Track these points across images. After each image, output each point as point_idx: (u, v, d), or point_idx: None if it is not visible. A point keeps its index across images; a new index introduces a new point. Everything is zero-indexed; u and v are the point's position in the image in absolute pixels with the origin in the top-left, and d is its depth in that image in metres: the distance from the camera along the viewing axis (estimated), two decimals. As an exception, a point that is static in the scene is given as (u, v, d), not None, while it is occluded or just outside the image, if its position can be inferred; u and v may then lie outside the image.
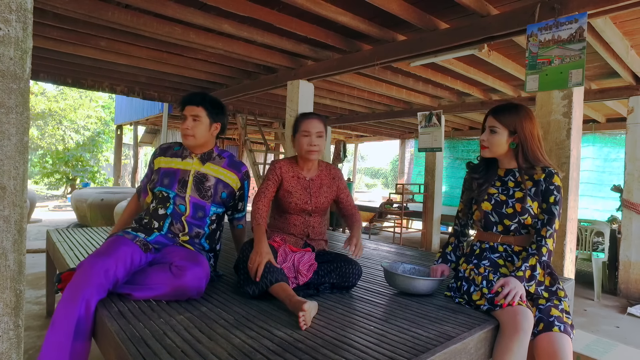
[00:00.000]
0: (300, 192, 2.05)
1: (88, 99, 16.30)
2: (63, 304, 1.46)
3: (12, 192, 0.80)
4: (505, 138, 1.78)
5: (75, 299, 1.46)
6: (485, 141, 1.82)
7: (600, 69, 4.17)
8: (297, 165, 2.10)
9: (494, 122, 1.80)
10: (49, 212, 10.26)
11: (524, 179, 1.79)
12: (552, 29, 2.36)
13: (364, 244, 3.33)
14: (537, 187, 1.77)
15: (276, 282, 1.70)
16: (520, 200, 1.76)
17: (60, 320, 1.43)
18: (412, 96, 5.66)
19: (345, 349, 1.30)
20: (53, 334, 1.42)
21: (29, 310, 3.18)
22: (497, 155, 1.85)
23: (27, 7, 0.78)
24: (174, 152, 2.02)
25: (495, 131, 1.79)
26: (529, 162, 1.78)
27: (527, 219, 1.75)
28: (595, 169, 6.90)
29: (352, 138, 11.88)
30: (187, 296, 1.69)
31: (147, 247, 1.79)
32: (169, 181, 1.93)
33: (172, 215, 1.90)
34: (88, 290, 1.49)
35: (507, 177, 1.84)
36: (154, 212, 1.92)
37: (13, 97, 0.79)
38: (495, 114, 1.81)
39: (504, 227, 1.80)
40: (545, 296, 1.69)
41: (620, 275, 4.46)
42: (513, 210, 1.76)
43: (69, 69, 4.94)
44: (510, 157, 1.83)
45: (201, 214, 1.95)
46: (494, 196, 1.82)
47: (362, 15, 3.11)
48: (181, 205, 1.90)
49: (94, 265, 1.55)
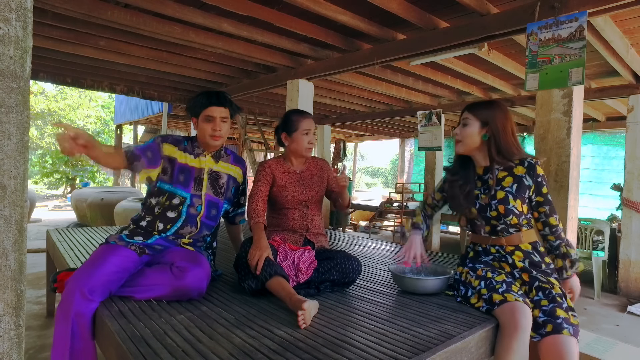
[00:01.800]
0: (294, 184, 2.12)
1: (88, 99, 16.31)
2: (58, 324, 1.51)
3: (13, 192, 0.79)
4: (477, 129, 1.77)
5: (66, 318, 1.50)
6: (459, 135, 1.82)
7: (600, 68, 4.16)
8: (285, 162, 2.18)
9: (466, 115, 1.81)
10: (48, 211, 10.26)
11: (495, 175, 1.77)
12: (552, 27, 2.35)
13: (364, 243, 3.34)
14: (519, 183, 1.75)
15: (275, 274, 1.70)
16: (502, 201, 1.74)
17: (59, 340, 1.50)
18: (412, 95, 5.66)
19: (346, 348, 1.30)
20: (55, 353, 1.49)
21: (30, 309, 3.18)
22: (470, 150, 1.82)
23: (27, 6, 0.78)
24: (184, 148, 1.93)
25: (467, 123, 1.79)
26: (503, 155, 1.75)
27: (513, 219, 1.74)
28: (595, 167, 6.90)
29: (352, 137, 11.87)
30: (188, 297, 1.69)
31: (143, 251, 1.76)
32: (184, 178, 1.88)
33: (187, 218, 1.86)
34: (73, 308, 1.50)
35: (486, 176, 1.82)
36: (161, 214, 1.84)
37: (13, 96, 0.78)
38: (469, 108, 1.83)
39: (492, 229, 1.80)
40: (542, 279, 1.68)
41: (620, 273, 4.46)
42: (497, 212, 1.75)
43: (69, 69, 4.93)
44: (484, 153, 1.81)
45: (214, 211, 1.96)
46: (477, 200, 1.81)
47: (362, 14, 3.10)
48: (199, 206, 1.89)
49: (83, 283, 1.53)
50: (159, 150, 1.86)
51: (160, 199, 1.86)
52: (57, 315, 1.51)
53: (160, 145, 1.88)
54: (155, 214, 1.85)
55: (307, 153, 2.13)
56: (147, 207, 1.89)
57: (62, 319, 1.50)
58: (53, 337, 1.51)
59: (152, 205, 1.87)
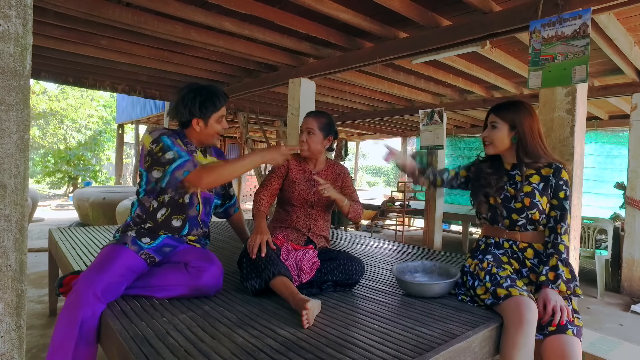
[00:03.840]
0: (304, 183, 2.15)
1: (89, 98, 16.34)
2: (60, 327, 1.45)
3: (13, 191, 0.79)
4: (506, 132, 1.79)
5: (72, 322, 1.45)
6: (487, 137, 1.84)
7: (604, 66, 4.14)
8: (304, 161, 2.22)
9: (494, 118, 1.83)
10: (51, 211, 10.27)
11: (523, 172, 1.79)
12: (556, 25, 2.34)
13: (366, 242, 3.33)
14: (545, 182, 1.77)
15: (279, 274, 1.69)
16: (529, 194, 1.75)
17: (60, 343, 1.44)
18: (414, 94, 5.65)
19: (349, 347, 1.30)
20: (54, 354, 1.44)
21: (32, 309, 3.18)
22: (500, 151, 1.85)
23: (27, 3, 0.77)
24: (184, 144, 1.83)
25: (496, 126, 1.81)
26: (530, 157, 1.77)
27: (535, 214, 1.75)
28: (598, 166, 6.88)
29: (354, 136, 11.86)
30: (205, 294, 1.73)
31: (153, 260, 1.73)
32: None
33: (191, 224, 1.83)
34: (83, 311, 1.46)
35: (514, 172, 1.84)
36: (165, 222, 1.76)
37: (13, 94, 0.78)
38: (495, 110, 1.83)
39: (511, 222, 1.79)
40: (568, 294, 1.66)
41: (623, 272, 4.44)
42: (522, 204, 1.76)
43: (70, 68, 4.93)
44: (513, 153, 1.84)
45: (209, 208, 1.95)
46: (503, 191, 1.82)
47: (364, 12, 3.09)
48: (197, 205, 1.85)
49: (90, 286, 1.50)
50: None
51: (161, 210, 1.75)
52: (61, 318, 1.46)
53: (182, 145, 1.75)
54: (159, 223, 1.76)
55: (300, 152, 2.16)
56: (147, 210, 1.76)
57: (66, 321, 1.44)
58: (52, 340, 1.45)
59: (153, 208, 1.76)
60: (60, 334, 1.45)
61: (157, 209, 1.76)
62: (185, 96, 1.76)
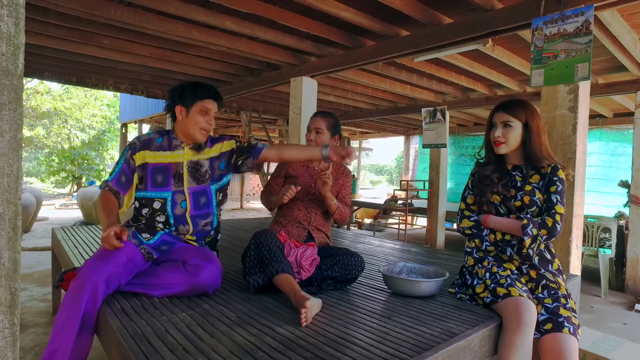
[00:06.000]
0: (307, 177, 2.22)
1: (93, 98, 16.43)
2: (65, 308, 1.46)
3: (6, 190, 0.79)
4: (520, 131, 1.78)
5: (76, 305, 1.45)
6: (501, 137, 1.79)
7: (607, 63, 4.11)
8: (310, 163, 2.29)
9: (507, 117, 1.78)
10: (55, 210, 10.34)
11: (529, 173, 1.79)
12: (558, 22, 2.32)
13: (368, 241, 3.32)
14: (543, 180, 1.77)
15: (282, 272, 1.70)
16: (528, 193, 1.76)
17: (63, 322, 1.44)
18: (416, 92, 5.63)
19: (348, 346, 1.29)
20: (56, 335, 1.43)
21: (36, 307, 3.20)
22: (511, 151, 1.83)
23: (19, 2, 0.77)
24: (158, 146, 1.86)
25: (511, 125, 1.78)
26: (536, 156, 1.77)
27: (535, 211, 1.75)
28: (602, 164, 6.83)
29: (357, 135, 11.85)
30: (204, 292, 1.74)
31: (151, 257, 1.74)
32: (162, 178, 1.82)
33: (177, 219, 1.83)
34: (87, 296, 1.47)
35: (515, 172, 1.84)
36: (150, 219, 1.83)
37: (6, 93, 0.78)
38: (507, 109, 1.79)
39: None
40: (550, 278, 1.68)
41: (627, 271, 4.41)
42: (521, 202, 1.76)
43: (73, 68, 4.95)
44: (517, 153, 1.83)
45: (204, 199, 1.88)
46: (508, 187, 1.81)
47: (365, 10, 3.08)
48: (183, 202, 1.83)
49: (94, 273, 1.51)
50: (129, 168, 1.82)
51: (143, 206, 1.84)
52: (66, 300, 1.47)
53: (133, 158, 1.83)
54: (147, 219, 1.84)
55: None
56: (137, 208, 1.87)
57: (71, 303, 1.45)
58: (55, 322, 1.45)
59: (140, 205, 1.86)
60: (64, 315, 1.45)
61: (140, 208, 1.86)
62: (173, 89, 1.90)
